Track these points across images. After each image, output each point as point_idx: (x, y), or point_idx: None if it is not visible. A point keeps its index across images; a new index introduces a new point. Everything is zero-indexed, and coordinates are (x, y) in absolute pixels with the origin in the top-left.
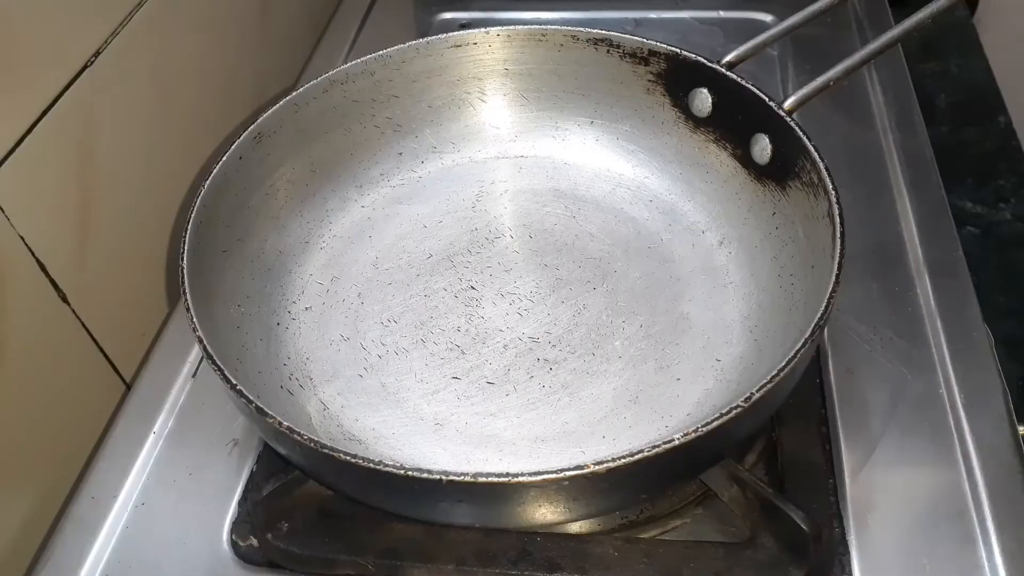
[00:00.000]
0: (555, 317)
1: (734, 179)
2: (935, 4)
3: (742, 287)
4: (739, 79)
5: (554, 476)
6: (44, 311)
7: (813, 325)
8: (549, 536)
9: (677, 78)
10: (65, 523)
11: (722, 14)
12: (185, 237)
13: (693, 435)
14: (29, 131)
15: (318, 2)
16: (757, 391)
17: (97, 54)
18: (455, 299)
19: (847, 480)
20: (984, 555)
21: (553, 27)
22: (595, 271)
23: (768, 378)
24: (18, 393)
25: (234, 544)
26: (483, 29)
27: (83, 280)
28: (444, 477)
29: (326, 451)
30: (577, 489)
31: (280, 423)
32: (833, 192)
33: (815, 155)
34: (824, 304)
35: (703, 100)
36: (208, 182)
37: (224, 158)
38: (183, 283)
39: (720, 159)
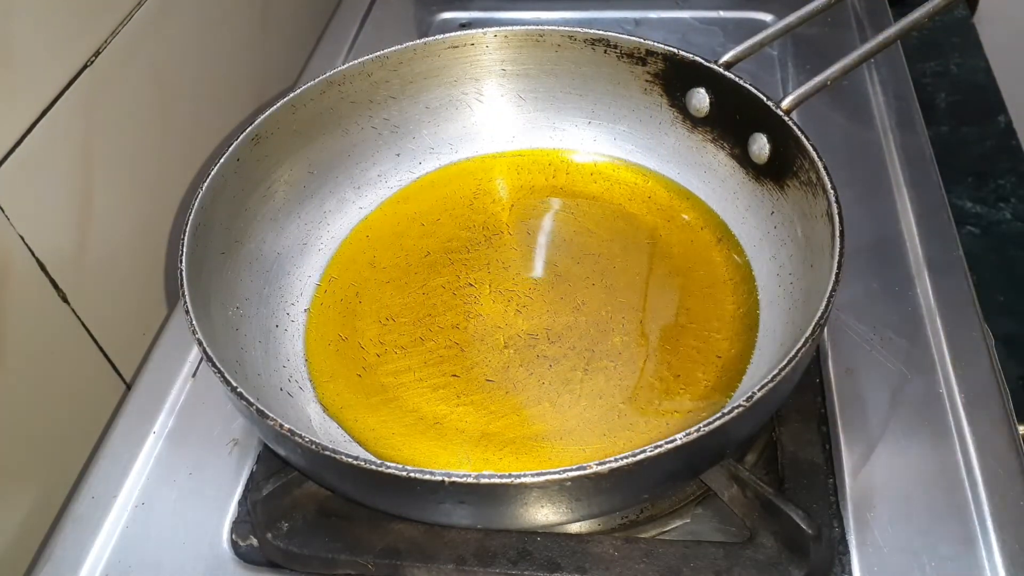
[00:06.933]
0: (554, 314)
1: (732, 178)
2: (932, 3)
3: (741, 285)
4: (736, 78)
5: (556, 476)
6: (44, 311)
7: (813, 324)
8: (549, 536)
9: (674, 78)
10: (65, 523)
11: (722, 14)
12: (183, 240)
13: (695, 435)
14: (29, 131)
15: (318, 2)
16: (757, 391)
17: (97, 54)
18: (453, 296)
19: (847, 480)
20: (984, 555)
21: (550, 27)
22: (593, 267)
23: (768, 378)
24: (18, 393)
25: (234, 544)
26: (480, 30)
27: (83, 280)
28: (446, 478)
29: (327, 453)
30: (579, 489)
31: (281, 425)
32: (832, 191)
33: (813, 154)
34: (824, 303)
35: (701, 100)
36: (206, 184)
37: (222, 160)
38: (182, 286)
39: (718, 159)
